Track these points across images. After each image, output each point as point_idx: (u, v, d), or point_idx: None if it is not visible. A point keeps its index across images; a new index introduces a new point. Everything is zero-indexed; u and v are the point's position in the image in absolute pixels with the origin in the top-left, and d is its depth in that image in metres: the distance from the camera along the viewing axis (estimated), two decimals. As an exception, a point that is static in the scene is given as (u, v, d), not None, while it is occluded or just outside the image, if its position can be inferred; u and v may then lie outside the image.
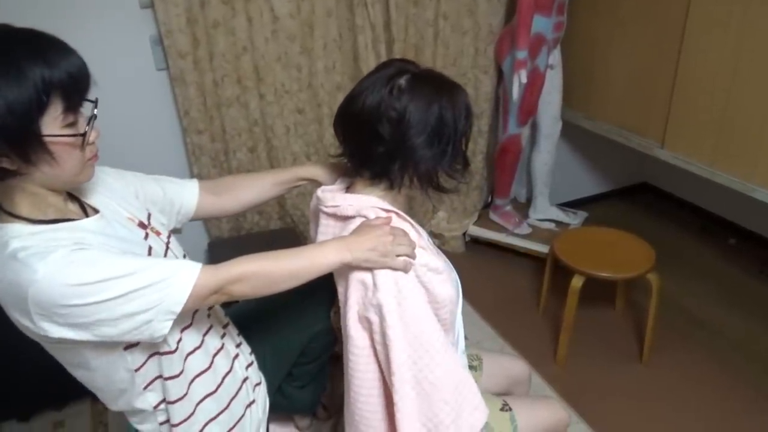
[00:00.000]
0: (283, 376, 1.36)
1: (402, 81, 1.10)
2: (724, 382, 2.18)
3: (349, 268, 1.10)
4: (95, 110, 0.97)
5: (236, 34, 2.24)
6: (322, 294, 1.29)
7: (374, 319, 1.07)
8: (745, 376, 2.20)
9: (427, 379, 1.06)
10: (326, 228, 1.23)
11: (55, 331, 0.91)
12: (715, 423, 2.00)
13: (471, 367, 1.44)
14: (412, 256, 1.09)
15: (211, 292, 1.00)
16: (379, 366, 1.11)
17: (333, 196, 1.20)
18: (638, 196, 3.62)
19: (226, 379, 1.20)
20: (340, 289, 1.16)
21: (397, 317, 1.05)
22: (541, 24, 2.46)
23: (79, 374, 1.05)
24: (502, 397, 1.36)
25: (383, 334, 1.05)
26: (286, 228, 2.66)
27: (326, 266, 1.08)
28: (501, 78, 2.77)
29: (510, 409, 1.31)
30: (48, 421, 2.11)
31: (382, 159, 1.12)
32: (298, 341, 1.35)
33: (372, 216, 1.14)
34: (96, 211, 1.06)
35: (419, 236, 1.16)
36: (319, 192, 1.24)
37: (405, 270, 1.07)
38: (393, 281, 1.07)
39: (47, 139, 0.89)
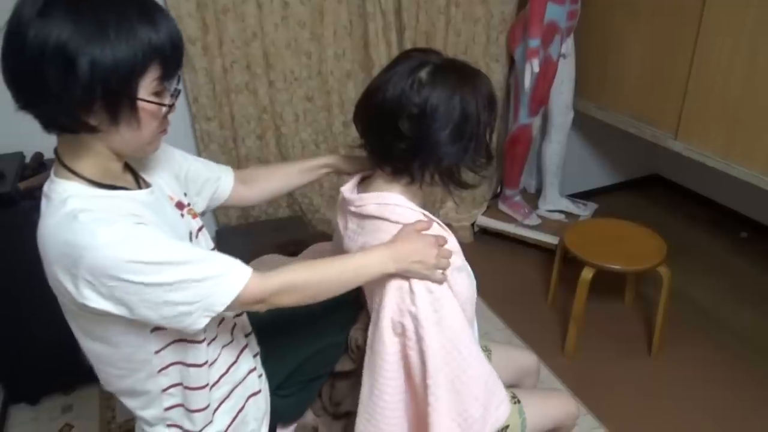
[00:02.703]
0: (278, 383, 1.33)
1: (423, 74, 1.07)
2: (734, 376, 2.16)
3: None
4: (179, 85, 0.97)
5: (246, 20, 2.22)
6: (338, 310, 1.27)
7: (409, 325, 1.06)
8: (756, 370, 2.18)
9: (459, 379, 1.06)
10: (352, 224, 1.22)
11: (96, 301, 0.89)
12: (724, 417, 1.99)
13: (480, 359, 1.44)
14: (447, 268, 1.08)
15: (255, 300, 1.00)
16: (405, 371, 1.10)
17: (360, 197, 1.19)
18: (649, 188, 3.59)
19: (231, 368, 1.19)
20: (375, 297, 1.14)
21: (433, 323, 1.05)
22: (555, 12, 2.43)
23: (95, 347, 1.03)
24: (510, 388, 1.35)
25: (419, 340, 1.05)
26: (294, 216, 2.65)
27: (369, 277, 1.07)
28: (513, 67, 2.75)
29: (518, 401, 1.30)
30: (56, 404, 2.13)
31: (403, 155, 1.10)
32: (304, 351, 1.32)
33: (409, 219, 1.12)
34: (148, 185, 1.06)
35: (454, 240, 1.15)
36: (346, 193, 1.22)
37: (441, 283, 1.07)
38: (427, 289, 1.06)
39: (140, 103, 0.89)
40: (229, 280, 0.95)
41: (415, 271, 1.06)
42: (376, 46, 2.45)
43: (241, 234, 2.48)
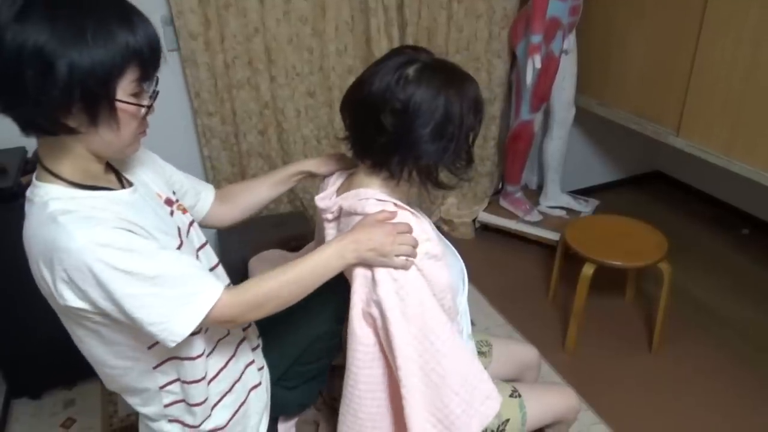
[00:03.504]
0: (279, 374, 1.34)
1: (410, 71, 1.07)
2: (735, 373, 2.16)
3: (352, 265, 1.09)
4: (157, 87, 0.97)
5: (248, 15, 2.22)
6: (331, 296, 1.28)
7: (376, 314, 1.06)
8: (756, 368, 2.18)
9: (435, 371, 1.05)
10: (331, 230, 1.23)
11: (75, 302, 0.91)
12: (725, 414, 1.99)
13: (480, 353, 1.44)
14: (413, 255, 1.06)
15: (224, 321, 1.01)
16: (385, 362, 1.09)
17: (335, 201, 1.19)
18: (650, 185, 3.59)
19: (230, 362, 1.20)
20: (351, 286, 1.14)
21: (399, 312, 1.04)
22: (557, 8, 2.42)
23: (89, 347, 1.04)
24: (511, 383, 1.36)
25: (386, 329, 1.04)
26: (295, 212, 2.65)
27: (332, 270, 1.07)
28: (514, 63, 2.74)
29: (519, 396, 1.30)
30: (59, 399, 2.14)
31: (383, 149, 1.10)
32: (301, 340, 1.32)
33: (374, 209, 1.11)
34: (131, 184, 1.07)
35: (422, 227, 1.12)
36: (321, 203, 1.22)
37: (404, 269, 1.06)
38: (390, 277, 1.05)
39: (118, 104, 0.90)
40: (195, 302, 0.96)
41: (371, 259, 1.05)
42: (377, 41, 2.45)
43: (242, 230, 2.47)
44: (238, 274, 1.56)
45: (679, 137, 2.35)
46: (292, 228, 2.41)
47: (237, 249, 2.12)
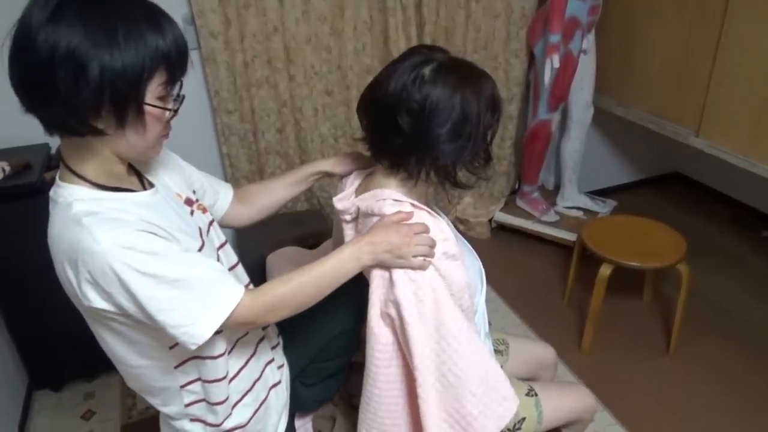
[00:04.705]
0: (298, 371, 1.35)
1: (426, 71, 1.06)
2: (752, 377, 2.14)
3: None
4: (181, 90, 0.98)
5: (267, 15, 2.24)
6: (350, 296, 1.29)
7: (394, 314, 1.06)
8: (776, 371, 2.16)
9: (452, 372, 1.05)
10: (350, 231, 1.23)
11: (99, 303, 0.92)
12: (740, 418, 1.97)
13: (497, 352, 1.44)
14: (431, 255, 1.06)
15: (243, 324, 1.02)
16: (403, 360, 1.10)
17: (352, 202, 1.19)
18: (669, 186, 3.55)
19: (251, 361, 1.21)
20: (369, 286, 1.14)
21: (417, 312, 1.04)
22: (576, 7, 2.41)
23: (113, 348, 1.05)
24: (528, 381, 1.36)
25: (403, 330, 1.05)
26: (312, 210, 2.67)
27: (348, 273, 1.08)
28: (533, 62, 2.73)
29: (535, 395, 1.30)
30: (79, 391, 2.18)
31: (401, 150, 1.10)
32: (320, 339, 1.33)
33: (391, 210, 1.11)
34: (152, 185, 1.07)
35: (439, 226, 1.12)
36: (339, 204, 1.22)
37: (422, 269, 1.06)
38: (408, 277, 1.05)
39: (146, 107, 0.91)
40: (216, 305, 0.97)
41: (387, 260, 1.05)
42: (395, 41, 2.46)
43: (260, 227, 2.49)
44: (256, 271, 1.57)
45: (698, 138, 2.33)
46: (309, 225, 2.43)
47: (255, 246, 2.14)
